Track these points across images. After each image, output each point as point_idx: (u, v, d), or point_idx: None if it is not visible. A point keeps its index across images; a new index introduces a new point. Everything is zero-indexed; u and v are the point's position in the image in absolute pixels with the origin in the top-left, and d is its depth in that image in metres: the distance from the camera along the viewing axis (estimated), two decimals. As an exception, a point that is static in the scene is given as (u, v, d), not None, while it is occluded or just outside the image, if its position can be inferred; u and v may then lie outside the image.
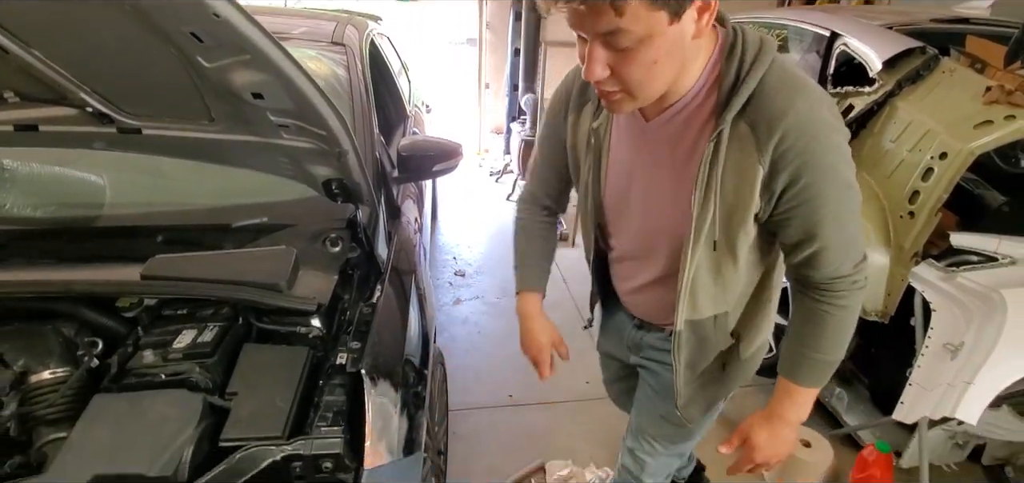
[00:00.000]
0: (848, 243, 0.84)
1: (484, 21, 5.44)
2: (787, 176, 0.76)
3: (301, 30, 2.10)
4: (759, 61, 0.75)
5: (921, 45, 1.78)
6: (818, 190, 0.77)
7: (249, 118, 1.07)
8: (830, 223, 0.80)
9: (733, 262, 0.90)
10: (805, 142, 0.73)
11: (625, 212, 0.99)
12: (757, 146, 0.75)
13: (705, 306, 0.95)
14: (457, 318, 2.91)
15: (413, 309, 1.41)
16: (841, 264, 0.84)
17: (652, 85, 0.74)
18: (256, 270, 1.15)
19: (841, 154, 0.77)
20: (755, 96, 0.75)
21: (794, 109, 0.73)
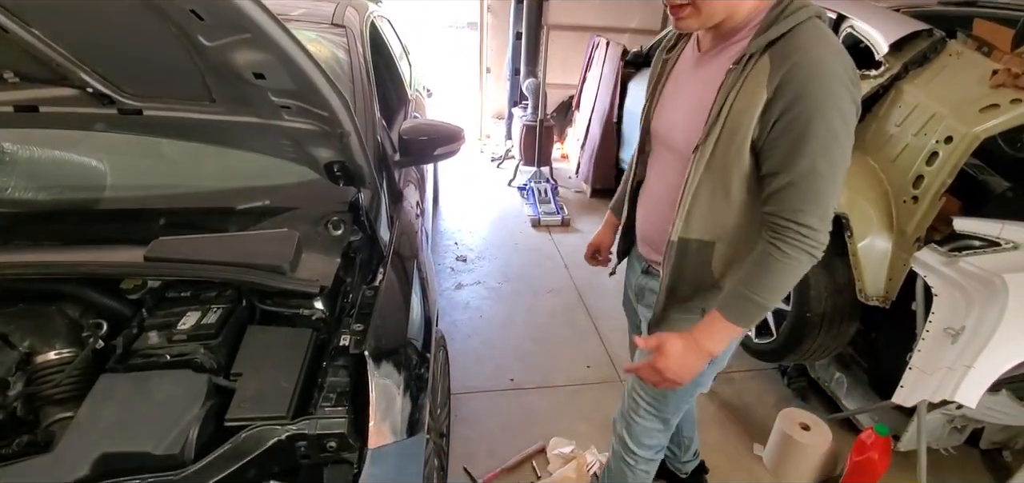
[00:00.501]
0: (816, 192, 0.88)
1: (486, 5, 5.39)
2: (784, 102, 0.84)
3: (300, 11, 2.07)
4: (799, 13, 0.87)
5: (928, 28, 1.77)
6: (805, 124, 0.84)
7: (251, 99, 1.06)
8: (805, 160, 0.86)
9: (725, 189, 0.97)
10: (809, 76, 0.82)
11: (663, 128, 1.10)
12: (769, 74, 0.85)
13: (695, 226, 1.03)
14: (459, 303, 2.92)
15: (415, 292, 1.42)
16: (802, 207, 0.88)
17: (715, 3, 0.90)
18: (259, 252, 1.15)
19: (839, 107, 0.83)
20: (785, 37, 0.86)
21: (812, 50, 0.83)
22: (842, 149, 0.87)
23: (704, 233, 1.03)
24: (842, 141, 0.86)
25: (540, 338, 2.68)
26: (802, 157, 0.86)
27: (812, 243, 0.90)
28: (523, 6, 4.61)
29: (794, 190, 0.88)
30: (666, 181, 1.10)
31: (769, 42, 0.86)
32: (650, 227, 1.21)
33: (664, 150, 1.12)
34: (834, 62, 0.83)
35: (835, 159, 0.87)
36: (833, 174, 0.88)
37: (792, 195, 0.89)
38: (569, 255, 3.49)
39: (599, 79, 4.30)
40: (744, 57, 0.89)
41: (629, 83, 4.11)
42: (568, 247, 3.61)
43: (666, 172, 1.10)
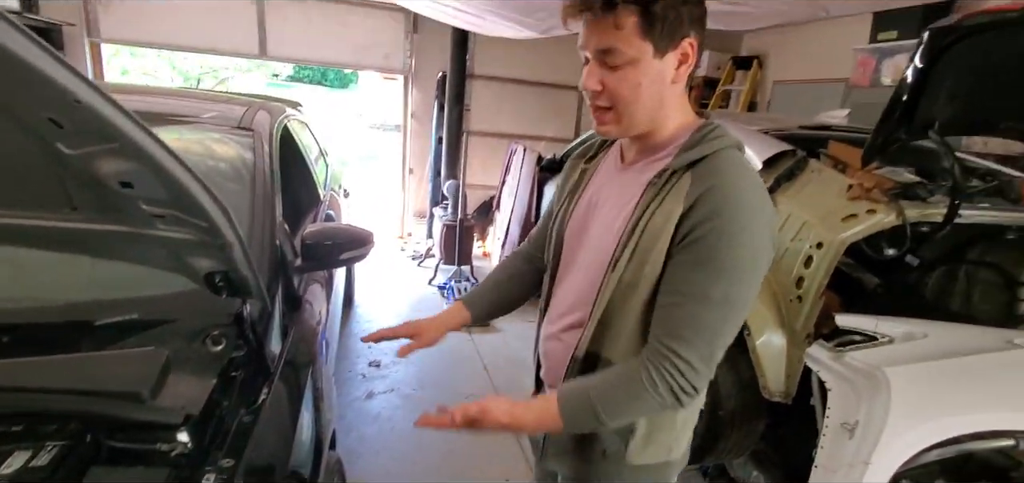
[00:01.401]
0: (704, 323, 0.80)
1: (409, 110, 5.55)
2: (695, 218, 0.79)
3: (210, 114, 2.02)
4: (721, 140, 0.85)
5: (792, 148, 1.99)
6: (711, 247, 0.78)
7: (118, 207, 0.96)
8: (701, 283, 0.79)
9: (634, 310, 0.87)
10: (727, 201, 0.78)
11: (576, 245, 1.02)
12: (688, 190, 0.81)
13: (599, 344, 0.92)
14: (369, 415, 2.72)
15: (306, 412, 1.29)
16: (684, 335, 0.80)
17: (635, 107, 0.85)
18: (114, 376, 1.00)
19: (752, 242, 0.78)
20: (707, 159, 0.83)
21: (733, 178, 0.80)
22: (745, 290, 0.79)
23: (610, 353, 0.92)
24: (747, 280, 0.79)
25: (455, 450, 2.52)
26: (699, 279, 0.79)
27: (684, 383, 0.80)
28: (445, 113, 4.79)
29: (681, 312, 0.80)
30: (576, 296, 0.99)
31: (691, 162, 0.83)
32: (553, 354, 1.05)
33: (576, 263, 1.01)
34: (755, 196, 0.80)
35: (734, 296, 0.79)
36: (728, 313, 0.80)
37: (678, 317, 0.80)
38: (488, 356, 3.41)
39: (517, 182, 4.47)
40: (667, 173, 0.85)
41: (545, 186, 4.30)
42: (487, 348, 3.53)
43: (576, 287, 0.99)
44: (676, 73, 0.85)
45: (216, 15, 4.61)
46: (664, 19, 0.80)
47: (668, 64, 0.83)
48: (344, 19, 4.98)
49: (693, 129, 0.88)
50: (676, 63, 0.84)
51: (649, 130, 0.90)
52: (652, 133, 0.90)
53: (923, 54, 1.47)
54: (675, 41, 0.82)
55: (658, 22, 0.80)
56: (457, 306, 1.22)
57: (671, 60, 0.83)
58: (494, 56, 5.41)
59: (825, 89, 4.64)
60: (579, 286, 0.98)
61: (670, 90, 0.86)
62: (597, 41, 0.83)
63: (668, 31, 0.81)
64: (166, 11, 4.51)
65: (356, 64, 5.35)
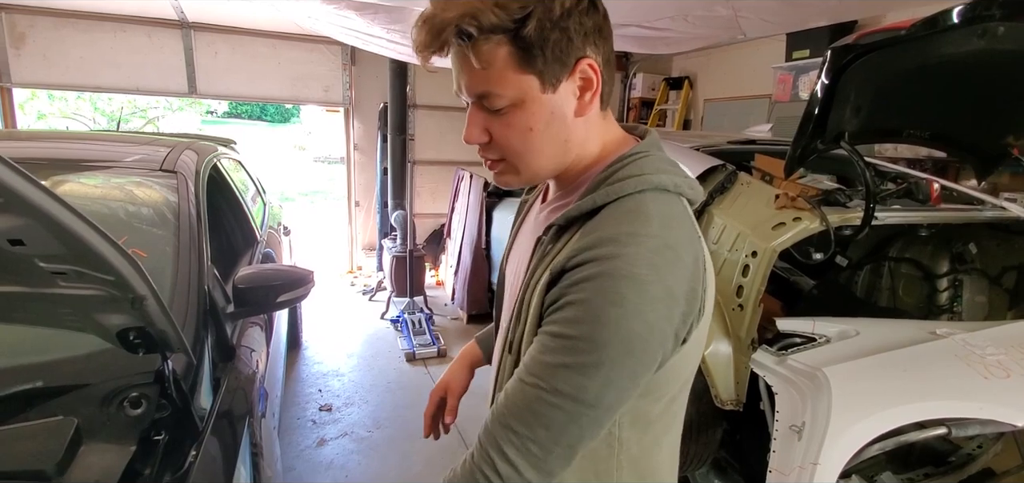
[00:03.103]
0: (543, 416, 0.59)
1: (352, 143, 5.45)
2: (566, 280, 0.61)
3: (134, 157, 1.90)
4: (630, 181, 0.65)
5: (722, 163, 2.08)
6: (572, 320, 0.59)
7: (11, 267, 0.87)
8: (544, 361, 0.61)
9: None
10: (591, 268, 0.59)
11: (505, 293, 0.88)
12: (571, 245, 0.64)
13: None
14: (321, 463, 2.57)
15: (243, 468, 1.19)
16: (512, 426, 0.61)
17: (532, 157, 0.69)
18: (16, 454, 0.89)
19: (618, 315, 0.57)
20: (603, 211, 0.65)
21: (618, 233, 0.60)
22: (605, 382, 0.58)
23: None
24: (610, 371, 0.58)
25: (415, 489, 2.42)
26: (544, 355, 0.60)
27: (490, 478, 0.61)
28: (388, 144, 4.73)
29: (516, 394, 0.62)
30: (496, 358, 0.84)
31: (582, 213, 0.66)
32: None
33: (503, 311, 0.87)
34: (640, 261, 0.58)
35: (587, 387, 0.58)
36: (576, 406, 0.59)
37: (511, 399, 0.62)
38: (446, 389, 3.33)
39: (466, 209, 4.45)
40: (552, 229, 0.69)
41: (494, 211, 4.30)
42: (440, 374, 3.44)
43: (499, 340, 0.85)
44: (578, 103, 0.67)
45: (140, 53, 4.39)
46: (544, 43, 0.62)
47: (564, 96, 0.66)
48: (278, 53, 4.86)
49: (610, 160, 0.70)
50: (576, 92, 0.67)
51: (560, 170, 0.73)
52: (566, 171, 0.74)
53: (827, 71, 1.56)
54: (567, 66, 0.65)
55: (536, 49, 0.62)
56: (471, 346, 1.11)
57: (568, 90, 0.66)
58: (435, 84, 5.42)
59: (752, 105, 4.91)
60: (499, 341, 0.83)
61: (575, 125, 0.69)
62: (468, 84, 0.66)
63: (554, 56, 0.63)
64: (84, 51, 4.26)
65: (294, 98, 5.21)
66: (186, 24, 4.45)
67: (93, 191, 1.69)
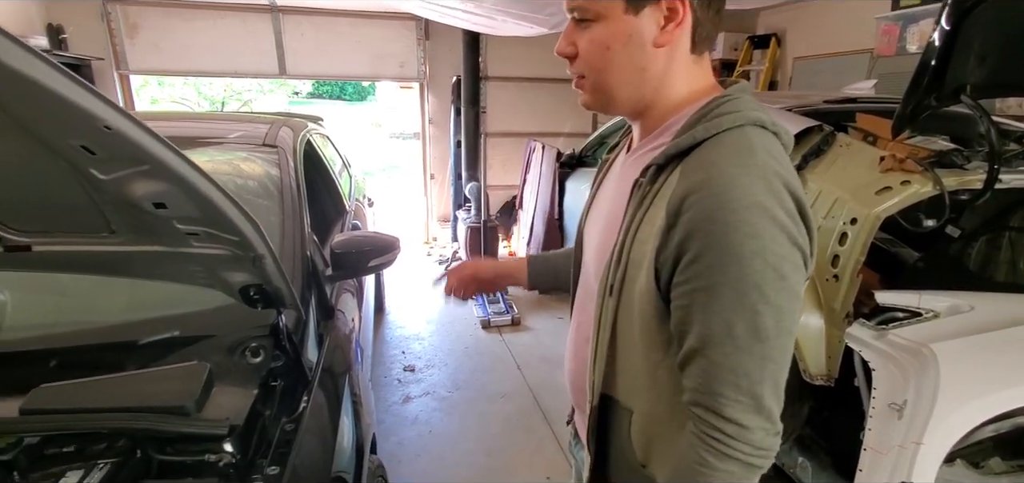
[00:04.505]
0: (736, 370, 0.61)
1: (427, 117, 5.59)
2: (680, 236, 0.61)
3: (236, 134, 2.07)
4: (727, 117, 0.65)
5: (818, 123, 1.94)
6: (712, 269, 0.59)
7: (154, 228, 0.99)
8: (714, 321, 0.61)
9: (633, 342, 0.72)
10: (718, 204, 0.59)
11: (587, 251, 0.88)
12: (673, 192, 0.64)
13: (611, 384, 0.78)
14: (407, 418, 2.74)
15: (346, 417, 1.30)
16: (720, 391, 0.62)
17: (607, 76, 0.71)
18: (160, 392, 1.03)
19: (764, 250, 0.58)
20: (703, 145, 0.65)
21: (726, 169, 0.60)
22: (776, 310, 0.60)
23: (621, 395, 0.77)
24: (775, 299, 0.59)
25: (495, 450, 2.52)
26: (711, 316, 0.61)
27: (744, 449, 0.62)
28: (462, 117, 4.81)
29: (705, 364, 0.63)
30: (583, 319, 0.85)
31: (680, 151, 0.66)
32: (575, 379, 0.92)
33: (584, 278, 0.88)
34: (757, 188, 0.59)
35: (763, 324, 0.60)
36: (762, 346, 0.60)
37: (704, 372, 0.63)
38: (521, 356, 3.41)
39: (538, 180, 4.46)
40: (651, 169, 0.69)
41: (566, 182, 4.28)
42: (520, 348, 3.53)
43: (583, 307, 0.86)
44: (661, 34, 0.68)
45: (236, 39, 4.73)
46: None
47: (647, 22, 0.67)
48: (358, 32, 5.05)
49: (701, 104, 0.69)
50: (660, 22, 0.67)
51: (641, 108, 0.74)
52: (648, 111, 0.74)
53: (948, 16, 1.41)
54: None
55: None
56: (520, 262, 1.15)
57: (651, 17, 0.67)
58: (507, 56, 5.41)
59: (848, 62, 4.50)
60: (585, 303, 0.85)
61: (656, 56, 0.69)
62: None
63: None
64: (188, 39, 4.64)
65: (372, 75, 5.42)
66: (276, 8, 4.72)
67: (205, 166, 1.87)
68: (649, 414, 0.74)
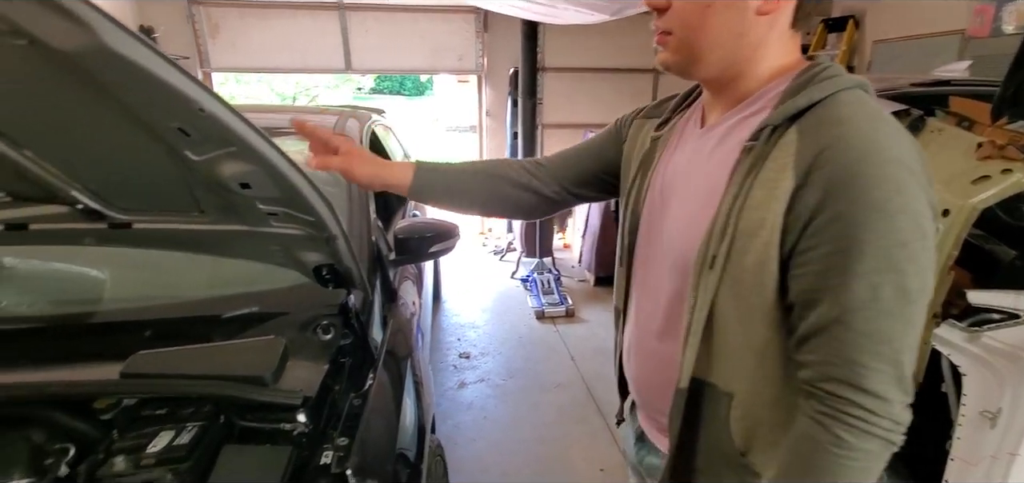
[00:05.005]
0: (880, 336, 0.57)
1: (484, 109, 5.65)
2: (819, 192, 0.58)
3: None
4: (837, 80, 0.63)
5: (906, 107, 1.79)
6: (856, 227, 0.56)
7: (238, 208, 1.06)
8: (858, 284, 0.57)
9: (741, 319, 0.67)
10: (860, 157, 0.56)
11: (653, 234, 0.83)
12: (797, 152, 0.60)
13: (707, 367, 0.72)
14: (462, 403, 2.80)
15: (408, 397, 1.34)
16: (860, 360, 0.58)
17: (701, 37, 0.67)
18: (241, 363, 1.10)
19: (908, 205, 0.55)
20: (818, 105, 0.62)
21: (860, 124, 0.58)
22: (920, 269, 0.57)
23: (719, 378, 0.72)
24: (919, 258, 0.56)
25: (548, 438, 2.53)
26: (854, 279, 0.57)
27: (885, 424, 0.59)
28: (519, 109, 4.83)
29: (844, 333, 0.58)
30: (661, 304, 0.81)
31: (798, 111, 0.62)
32: (642, 371, 0.88)
33: (657, 261, 0.82)
34: (895, 143, 0.57)
35: (909, 285, 0.56)
36: (908, 311, 0.57)
37: (841, 341, 0.59)
38: (575, 347, 3.39)
39: (596, 171, 4.40)
40: (765, 130, 0.64)
41: (625, 173, 4.21)
42: (574, 339, 3.51)
43: (661, 292, 0.81)
44: (766, 2, 0.65)
45: (306, 36, 4.95)
46: None
47: None
48: (419, 26, 5.16)
49: (796, 73, 0.67)
50: None
51: (728, 76, 0.70)
52: (735, 80, 0.70)
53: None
54: None
55: None
56: (407, 166, 1.01)
57: None
58: (564, 46, 5.36)
59: (935, 44, 4.14)
60: (664, 286, 0.80)
61: (756, 23, 0.66)
62: None
63: None
64: (263, 37, 4.90)
65: (431, 68, 5.52)
66: (343, 5, 4.90)
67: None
68: (754, 397, 0.70)
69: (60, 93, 0.78)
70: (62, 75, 0.72)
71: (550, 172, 1.03)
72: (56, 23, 0.63)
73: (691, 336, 0.71)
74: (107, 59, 0.66)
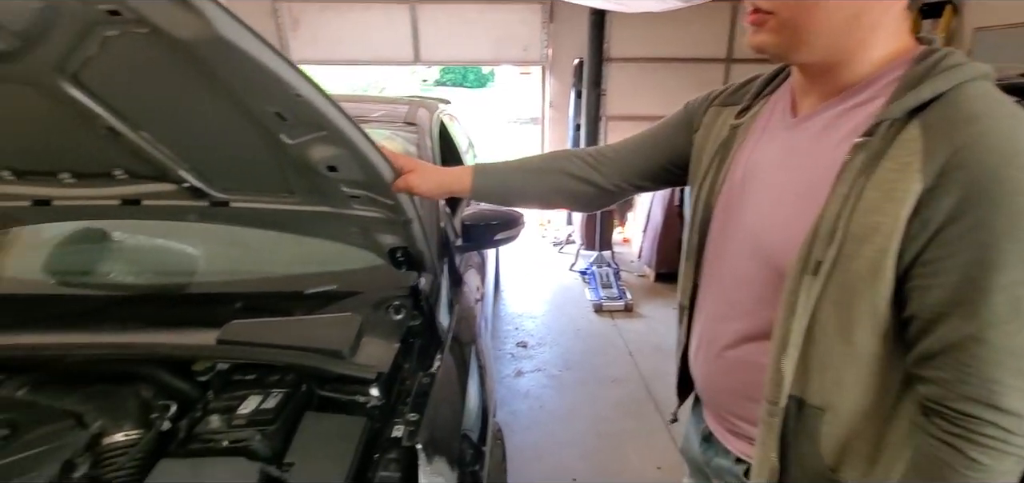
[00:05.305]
0: (1020, 352, 0.54)
1: (547, 100, 5.63)
2: (954, 197, 0.53)
3: (378, 113, 2.26)
4: (961, 70, 0.57)
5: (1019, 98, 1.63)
6: (996, 236, 0.52)
7: (324, 190, 1.12)
8: (997, 299, 0.53)
9: (843, 331, 0.62)
10: (995, 163, 0.52)
11: (731, 228, 0.78)
12: (924, 152, 0.55)
13: (801, 382, 0.66)
14: (518, 391, 2.83)
15: (473, 381, 1.38)
16: (997, 377, 0.55)
17: (814, 19, 0.61)
18: (321, 337, 1.17)
19: None
20: (943, 99, 0.57)
21: (999, 122, 0.53)
22: None
23: (812, 392, 0.67)
24: None
25: (605, 432, 2.52)
26: (993, 292, 0.53)
27: (1021, 442, 0.56)
28: (582, 100, 4.78)
29: (980, 348, 0.55)
30: (738, 305, 0.76)
31: (921, 104, 0.57)
32: (713, 373, 0.84)
33: (734, 259, 0.77)
34: None
35: None
36: None
37: (977, 358, 0.55)
38: (634, 343, 3.34)
39: (661, 165, 4.29)
40: (882, 125, 0.59)
41: (691, 167, 4.08)
42: (632, 334, 3.46)
43: (739, 292, 0.76)
44: None
45: (378, 29, 5.14)
46: None
47: None
48: (485, 17, 5.21)
49: (911, 59, 0.61)
50: None
51: (833, 61, 0.64)
52: (839, 67, 0.64)
53: None
54: None
55: None
56: (466, 170, 1.05)
57: None
58: (630, 36, 5.24)
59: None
60: (743, 286, 0.75)
61: (873, 5, 0.60)
62: None
63: None
64: (340, 31, 5.13)
65: (496, 59, 5.57)
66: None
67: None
68: (852, 412, 0.66)
69: (174, 79, 0.85)
70: (177, 62, 0.79)
71: (611, 163, 1.00)
72: (176, 13, 0.69)
73: (789, 348, 0.65)
74: (220, 47, 0.72)
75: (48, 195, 1.12)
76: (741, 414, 0.81)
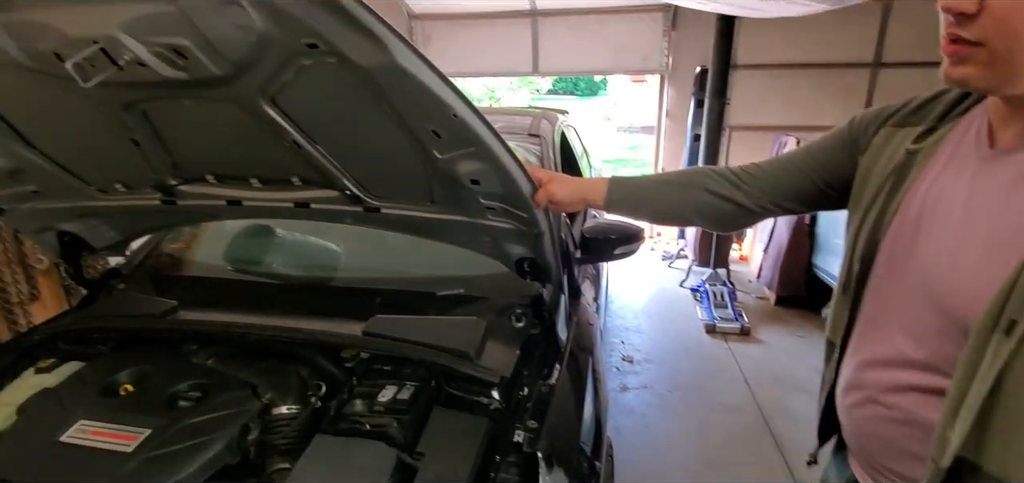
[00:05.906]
0: None
1: (664, 110, 5.47)
2: None
3: (501, 124, 2.35)
4: None
5: None
6: None
7: (463, 200, 1.20)
8: None
9: None
10: None
11: (901, 266, 0.71)
12: None
13: (988, 451, 0.59)
14: (623, 407, 2.79)
15: (588, 394, 1.39)
16: None
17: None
18: (450, 337, 1.26)
19: None
20: None
21: None
22: None
23: (992, 462, 0.59)
24: None
25: (716, 463, 2.39)
26: None
27: None
28: (703, 110, 4.58)
29: None
30: (904, 351, 0.70)
31: None
32: (867, 420, 0.77)
33: (903, 300, 0.71)
34: None
35: None
36: None
37: None
38: (750, 370, 3.13)
39: (789, 181, 3.98)
40: None
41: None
42: (748, 360, 3.24)
43: (907, 337, 0.69)
44: None
45: (502, 42, 5.37)
46: None
47: None
48: (605, 28, 5.19)
49: None
50: None
51: None
52: None
53: None
54: None
55: None
56: (601, 181, 1.07)
57: None
58: (760, 42, 4.90)
59: None
60: (912, 331, 0.69)
61: None
62: None
63: None
64: (467, 46, 5.45)
65: (613, 69, 5.54)
66: (536, 13, 5.18)
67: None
68: None
69: (352, 101, 0.97)
70: (357, 87, 0.90)
71: (756, 182, 0.95)
72: (363, 44, 0.79)
73: (964, 409, 0.59)
74: (396, 73, 0.81)
75: (239, 197, 1.33)
76: (897, 471, 0.74)
